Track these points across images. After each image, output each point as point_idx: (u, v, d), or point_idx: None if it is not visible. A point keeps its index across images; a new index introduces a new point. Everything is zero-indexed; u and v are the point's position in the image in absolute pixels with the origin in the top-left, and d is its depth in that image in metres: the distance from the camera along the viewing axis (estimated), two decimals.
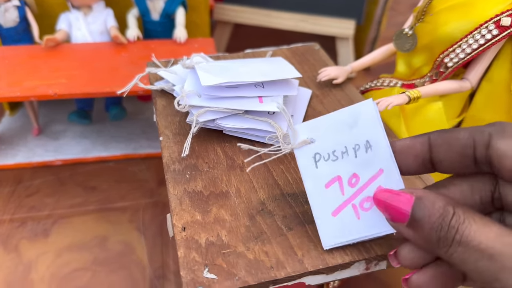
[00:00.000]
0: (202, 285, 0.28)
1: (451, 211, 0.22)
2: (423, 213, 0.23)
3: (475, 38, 0.41)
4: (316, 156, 0.31)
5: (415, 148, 0.26)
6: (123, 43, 0.67)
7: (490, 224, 0.21)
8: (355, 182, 0.29)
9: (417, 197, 0.23)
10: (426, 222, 0.23)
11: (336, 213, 0.30)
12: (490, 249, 0.20)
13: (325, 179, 0.30)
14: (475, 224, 0.21)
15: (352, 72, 0.47)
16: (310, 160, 0.31)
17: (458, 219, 0.22)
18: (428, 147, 0.26)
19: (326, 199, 0.30)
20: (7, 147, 0.68)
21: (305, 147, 0.32)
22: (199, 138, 0.40)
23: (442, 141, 0.25)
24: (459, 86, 0.43)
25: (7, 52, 0.65)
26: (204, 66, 0.42)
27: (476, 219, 0.22)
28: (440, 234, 0.22)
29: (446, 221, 0.22)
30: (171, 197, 0.34)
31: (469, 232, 0.21)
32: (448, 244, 0.22)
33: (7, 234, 0.56)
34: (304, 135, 0.32)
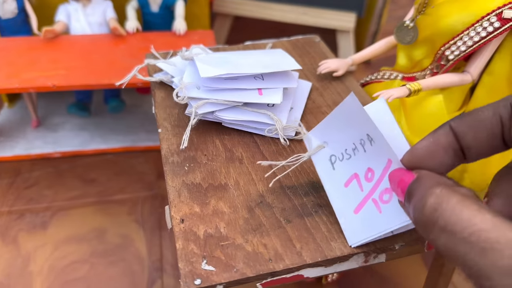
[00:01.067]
0: (200, 277, 0.28)
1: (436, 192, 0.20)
2: (415, 188, 0.22)
3: (476, 31, 0.41)
4: (332, 158, 0.32)
5: (441, 143, 0.23)
6: (122, 35, 0.67)
7: (484, 212, 0.18)
8: (371, 176, 0.29)
9: (418, 176, 0.22)
10: (415, 196, 0.21)
11: (358, 210, 0.30)
12: (482, 242, 0.17)
13: (343, 179, 0.31)
14: (466, 210, 0.18)
15: (353, 64, 0.47)
16: (327, 163, 0.32)
17: (443, 202, 0.19)
18: (454, 136, 0.23)
19: (347, 198, 0.30)
20: (6, 139, 0.68)
21: (320, 152, 0.32)
22: (198, 130, 0.40)
23: (466, 126, 0.23)
24: (460, 79, 0.43)
25: (6, 43, 0.65)
26: (203, 57, 0.42)
27: (468, 206, 0.19)
28: (424, 212, 0.20)
29: (429, 200, 0.20)
30: (170, 189, 0.34)
31: (456, 220, 0.18)
32: (431, 227, 0.20)
33: (5, 226, 0.56)
34: (317, 140, 0.33)
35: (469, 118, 0.22)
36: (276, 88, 0.40)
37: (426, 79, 0.43)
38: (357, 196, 0.30)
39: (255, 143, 0.39)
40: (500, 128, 0.22)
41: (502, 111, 0.21)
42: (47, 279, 0.50)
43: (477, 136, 0.22)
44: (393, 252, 0.31)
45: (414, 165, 0.24)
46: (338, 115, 0.30)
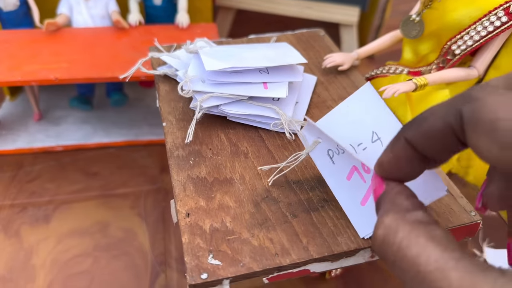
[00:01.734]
0: (206, 271, 0.28)
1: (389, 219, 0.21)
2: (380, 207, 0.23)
3: (483, 25, 0.41)
4: (329, 153, 0.31)
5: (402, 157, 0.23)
6: (124, 27, 0.66)
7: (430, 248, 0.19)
8: (367, 168, 0.29)
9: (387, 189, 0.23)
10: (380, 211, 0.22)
11: (364, 202, 0.30)
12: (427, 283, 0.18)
13: (345, 172, 0.30)
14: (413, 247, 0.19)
15: (358, 58, 0.46)
16: (326, 158, 0.31)
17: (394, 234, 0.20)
18: (412, 149, 0.22)
19: (351, 191, 0.30)
20: (8, 132, 0.68)
21: (317, 148, 0.32)
22: (202, 124, 0.39)
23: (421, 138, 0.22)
24: (467, 74, 0.43)
25: (8, 36, 0.64)
26: (208, 51, 0.41)
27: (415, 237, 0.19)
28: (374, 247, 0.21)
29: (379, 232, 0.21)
30: (175, 183, 0.34)
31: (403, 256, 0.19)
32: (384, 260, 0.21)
33: (7, 219, 0.56)
34: (312, 136, 0.32)
35: (422, 129, 0.21)
36: (281, 82, 0.40)
37: (432, 73, 0.43)
38: (361, 188, 0.30)
39: (260, 137, 0.38)
40: (454, 137, 0.21)
41: (452, 120, 0.20)
42: (50, 272, 0.50)
43: (433, 146, 0.21)
44: None
45: (385, 177, 0.24)
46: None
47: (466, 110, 0.19)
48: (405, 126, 0.22)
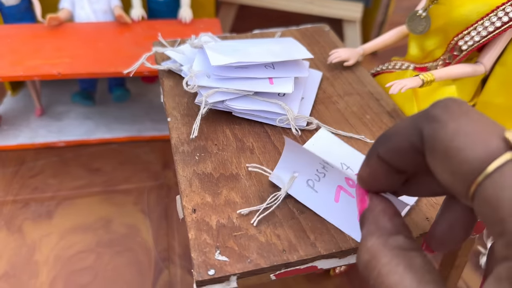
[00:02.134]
0: (213, 267, 0.28)
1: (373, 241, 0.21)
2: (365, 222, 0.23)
3: (491, 21, 0.40)
4: (309, 183, 0.31)
5: (379, 172, 0.23)
6: (127, 22, 0.66)
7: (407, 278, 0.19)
8: (352, 183, 0.29)
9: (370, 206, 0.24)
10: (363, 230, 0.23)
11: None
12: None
13: (331, 196, 0.30)
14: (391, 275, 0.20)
15: (364, 54, 0.46)
16: (307, 190, 0.31)
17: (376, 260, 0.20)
18: (384, 163, 0.22)
19: (345, 211, 0.30)
20: (10, 127, 0.68)
21: (296, 184, 0.32)
22: (208, 120, 0.39)
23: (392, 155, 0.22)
24: (473, 70, 0.42)
25: (9, 30, 0.64)
26: (213, 45, 0.41)
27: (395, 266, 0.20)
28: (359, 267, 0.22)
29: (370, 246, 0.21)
30: (181, 178, 0.34)
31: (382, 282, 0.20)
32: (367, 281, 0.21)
33: (10, 215, 0.56)
34: (286, 174, 0.32)
35: (390, 147, 0.22)
36: (287, 78, 0.40)
37: (439, 69, 0.42)
38: (353, 205, 0.29)
39: (266, 133, 0.38)
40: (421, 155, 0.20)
41: (415, 140, 0.20)
42: (53, 268, 0.50)
43: (404, 162, 0.22)
44: None
45: (367, 189, 0.24)
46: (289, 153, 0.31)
47: (425, 131, 0.19)
48: (378, 142, 0.23)
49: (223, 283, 0.28)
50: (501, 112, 0.47)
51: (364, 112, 0.41)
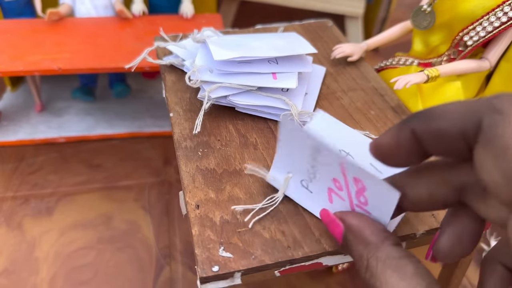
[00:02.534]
0: (218, 264, 0.27)
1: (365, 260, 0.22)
2: (350, 246, 0.23)
3: (497, 16, 0.40)
4: (303, 183, 0.30)
5: (403, 147, 0.21)
6: (128, 18, 0.65)
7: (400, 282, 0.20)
8: (339, 185, 0.28)
9: (345, 230, 0.24)
10: (352, 252, 0.23)
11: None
12: None
13: (324, 197, 0.29)
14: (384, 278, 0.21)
15: (368, 49, 0.46)
16: (302, 190, 0.30)
17: (372, 269, 0.21)
18: (416, 141, 0.21)
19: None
20: (9, 123, 0.67)
21: (291, 184, 0.30)
22: (210, 115, 0.39)
23: (430, 135, 0.20)
24: (478, 65, 0.42)
25: (9, 25, 0.63)
26: (216, 40, 0.41)
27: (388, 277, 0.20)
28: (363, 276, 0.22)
29: (363, 265, 0.22)
30: (184, 174, 0.33)
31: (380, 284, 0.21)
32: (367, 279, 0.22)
33: (10, 211, 0.56)
34: (281, 174, 0.31)
35: (432, 127, 0.20)
36: (291, 73, 0.39)
37: (444, 65, 0.42)
38: (345, 207, 0.28)
39: (269, 129, 0.38)
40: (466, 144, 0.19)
41: (468, 128, 0.19)
42: (53, 265, 0.50)
43: (441, 147, 0.20)
44: (413, 240, 0.30)
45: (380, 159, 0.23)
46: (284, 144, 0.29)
47: (486, 121, 0.18)
48: (415, 116, 0.20)
49: (227, 280, 0.27)
50: None
51: (369, 107, 0.40)
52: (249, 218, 0.30)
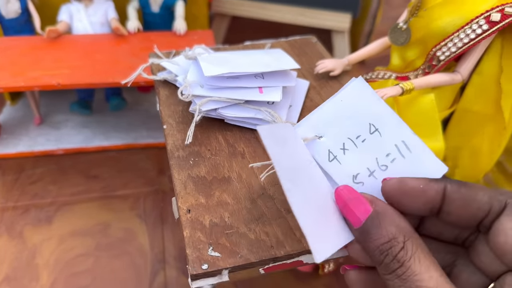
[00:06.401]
0: (207, 262, 0.30)
1: (401, 243, 0.22)
2: (374, 231, 0.23)
3: (466, 33, 0.43)
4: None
5: (429, 194, 0.24)
6: (123, 34, 0.68)
7: (432, 270, 0.21)
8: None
9: (375, 211, 0.23)
10: (373, 240, 0.23)
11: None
12: None
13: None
14: (419, 265, 0.21)
15: (349, 64, 0.49)
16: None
17: (405, 254, 0.22)
18: (442, 197, 0.24)
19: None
20: (9, 136, 0.70)
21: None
22: (201, 127, 0.42)
23: (459, 196, 0.23)
24: (451, 78, 0.45)
25: (10, 42, 0.66)
26: (206, 57, 0.44)
27: (422, 259, 0.21)
28: (383, 259, 0.22)
29: (393, 251, 0.22)
30: (176, 181, 0.36)
31: (411, 272, 0.21)
32: (388, 272, 0.22)
33: (11, 220, 0.58)
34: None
35: (465, 191, 0.23)
36: (276, 87, 0.42)
37: (418, 78, 0.45)
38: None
39: (256, 139, 0.41)
40: (485, 215, 0.23)
41: (495, 203, 0.23)
42: (53, 271, 0.52)
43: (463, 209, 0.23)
44: None
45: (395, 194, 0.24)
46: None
47: (511, 208, 0.22)
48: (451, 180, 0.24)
49: (215, 277, 0.30)
50: (479, 118, 0.50)
51: None
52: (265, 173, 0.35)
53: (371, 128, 0.29)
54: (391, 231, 0.22)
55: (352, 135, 0.29)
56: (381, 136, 0.29)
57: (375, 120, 0.29)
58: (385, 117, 0.29)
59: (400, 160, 0.28)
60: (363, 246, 0.24)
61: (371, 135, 0.29)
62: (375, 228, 0.23)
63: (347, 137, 0.29)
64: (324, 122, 0.30)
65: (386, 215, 0.23)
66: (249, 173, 0.37)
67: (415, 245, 0.22)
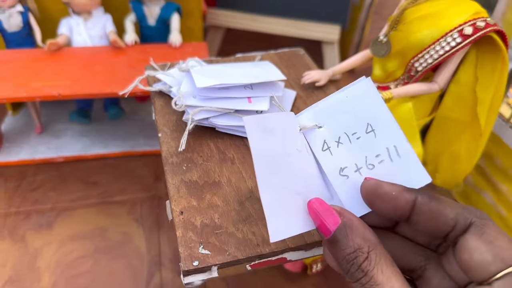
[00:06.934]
0: (197, 259, 0.32)
1: (365, 253, 0.23)
2: (342, 241, 0.24)
3: (441, 45, 0.46)
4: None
5: (399, 202, 0.25)
6: (121, 47, 0.71)
7: (394, 280, 0.22)
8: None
9: (343, 223, 0.25)
10: (341, 250, 0.24)
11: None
12: None
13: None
14: (381, 275, 0.22)
15: (333, 75, 0.52)
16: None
17: (369, 264, 0.23)
18: (412, 207, 0.25)
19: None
20: (11, 144, 0.72)
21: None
22: (194, 135, 0.44)
23: (428, 209, 0.25)
24: (428, 88, 0.48)
25: (12, 55, 0.69)
26: (199, 69, 0.46)
27: (385, 270, 0.23)
28: (349, 269, 0.24)
29: (357, 261, 0.23)
30: (170, 186, 0.39)
31: (374, 282, 0.22)
32: (354, 280, 0.23)
33: (13, 225, 0.60)
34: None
35: (434, 205, 0.25)
36: (264, 97, 0.45)
37: (397, 88, 0.48)
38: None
39: (245, 146, 0.43)
40: (450, 229, 0.25)
41: (461, 220, 0.24)
42: (54, 273, 0.55)
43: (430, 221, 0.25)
44: None
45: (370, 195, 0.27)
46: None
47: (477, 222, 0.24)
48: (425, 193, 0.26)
49: (205, 273, 0.33)
50: (457, 125, 0.53)
51: None
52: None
53: (368, 127, 0.30)
54: (357, 242, 0.24)
55: (349, 131, 0.30)
56: (375, 137, 0.30)
57: (374, 121, 0.30)
58: (384, 120, 0.30)
59: (387, 162, 0.29)
60: (333, 255, 0.25)
61: (367, 134, 0.30)
62: (343, 238, 0.24)
63: (344, 132, 0.30)
64: (326, 114, 0.31)
65: (353, 227, 0.24)
66: (238, 178, 0.40)
67: (379, 256, 0.23)
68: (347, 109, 0.30)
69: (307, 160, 0.30)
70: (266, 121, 0.29)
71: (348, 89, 0.31)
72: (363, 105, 0.30)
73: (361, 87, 0.30)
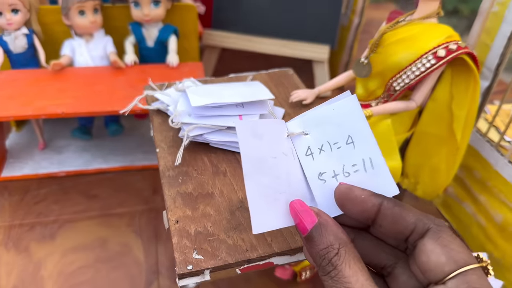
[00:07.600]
0: (191, 264, 0.36)
1: (336, 249, 0.26)
2: (317, 238, 0.27)
3: (417, 66, 0.50)
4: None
5: (366, 205, 0.28)
6: (121, 67, 0.75)
7: (359, 274, 0.25)
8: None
9: (319, 222, 0.28)
10: (315, 246, 0.27)
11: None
12: None
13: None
14: (349, 269, 0.25)
15: (319, 94, 0.56)
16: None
17: (338, 259, 0.26)
18: (377, 212, 0.28)
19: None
20: (15, 160, 0.76)
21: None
22: (189, 150, 0.48)
23: (391, 213, 0.27)
24: (406, 105, 0.52)
25: (17, 75, 0.73)
26: (194, 89, 0.50)
27: (352, 265, 0.25)
28: (321, 263, 0.26)
29: (329, 256, 0.26)
30: (167, 197, 0.42)
31: (342, 275, 0.25)
32: (324, 274, 0.26)
33: (18, 237, 0.63)
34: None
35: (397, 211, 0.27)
36: (254, 114, 0.49)
37: (378, 106, 0.52)
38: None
39: (237, 160, 0.47)
40: (410, 233, 0.27)
41: (420, 225, 0.27)
42: (56, 282, 0.58)
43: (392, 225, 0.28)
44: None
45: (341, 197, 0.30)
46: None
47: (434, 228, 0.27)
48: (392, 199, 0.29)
49: (199, 276, 0.36)
50: (435, 140, 0.56)
51: None
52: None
53: (349, 139, 0.33)
54: (330, 239, 0.27)
55: (331, 140, 0.33)
56: (354, 148, 0.32)
57: (354, 134, 0.32)
58: (363, 134, 0.32)
59: (362, 172, 0.32)
60: (308, 251, 0.28)
61: (347, 145, 0.32)
62: (318, 236, 0.27)
63: (327, 141, 0.33)
64: (314, 123, 0.34)
65: (327, 226, 0.27)
66: (230, 189, 0.43)
67: (348, 253, 0.26)
68: (332, 121, 0.33)
69: (292, 164, 0.33)
70: (257, 126, 0.33)
71: (335, 102, 0.34)
72: (347, 119, 0.33)
73: (347, 103, 0.33)
